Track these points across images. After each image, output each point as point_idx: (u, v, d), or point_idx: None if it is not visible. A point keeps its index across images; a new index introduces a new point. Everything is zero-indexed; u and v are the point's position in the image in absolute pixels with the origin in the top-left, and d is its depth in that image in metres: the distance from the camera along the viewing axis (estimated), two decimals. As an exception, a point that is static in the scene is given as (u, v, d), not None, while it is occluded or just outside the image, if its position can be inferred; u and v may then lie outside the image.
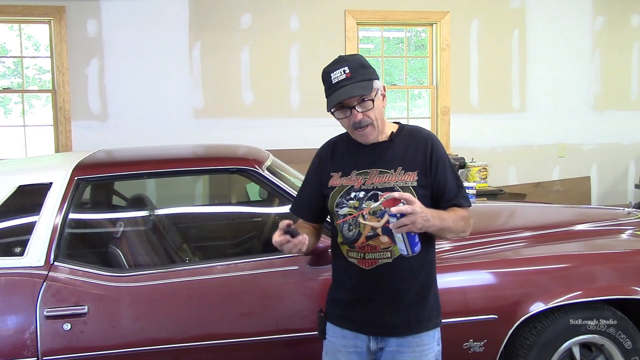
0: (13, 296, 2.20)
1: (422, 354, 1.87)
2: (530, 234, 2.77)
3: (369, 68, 1.86)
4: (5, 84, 5.80)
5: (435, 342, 1.92)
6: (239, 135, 5.44)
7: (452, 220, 1.82)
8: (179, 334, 2.23)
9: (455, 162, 5.70)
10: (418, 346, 1.87)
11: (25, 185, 2.40)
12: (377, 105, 1.83)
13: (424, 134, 1.93)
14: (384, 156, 1.88)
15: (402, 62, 6.56)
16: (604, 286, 2.47)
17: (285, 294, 2.33)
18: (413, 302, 1.88)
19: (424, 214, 1.68)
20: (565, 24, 6.27)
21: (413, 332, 1.87)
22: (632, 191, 6.57)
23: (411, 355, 1.86)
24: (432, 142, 1.90)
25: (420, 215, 1.66)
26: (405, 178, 1.84)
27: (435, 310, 1.93)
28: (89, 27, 5.42)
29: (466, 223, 1.88)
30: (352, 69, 1.81)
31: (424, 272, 1.90)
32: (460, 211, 1.87)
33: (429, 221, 1.69)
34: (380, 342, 1.89)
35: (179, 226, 3.30)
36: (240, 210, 3.76)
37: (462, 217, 1.86)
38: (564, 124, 6.35)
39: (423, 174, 1.85)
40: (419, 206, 1.67)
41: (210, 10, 5.61)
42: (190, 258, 3.05)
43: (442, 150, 1.91)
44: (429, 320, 1.90)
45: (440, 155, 1.88)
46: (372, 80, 1.83)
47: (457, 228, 1.85)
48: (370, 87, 1.82)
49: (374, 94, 1.82)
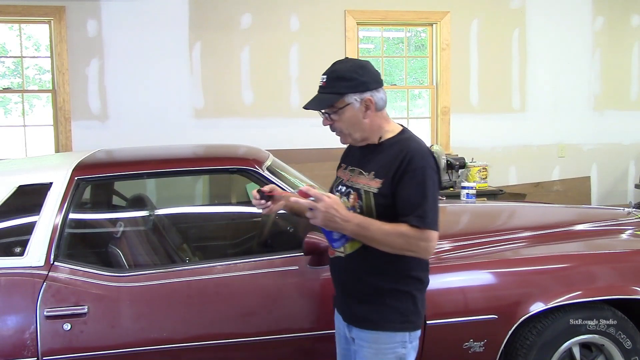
0: (13, 296, 2.20)
1: (379, 351, 1.88)
2: (530, 234, 2.77)
3: (348, 80, 1.86)
4: (5, 84, 5.80)
5: (398, 345, 1.88)
6: (239, 135, 5.44)
7: (380, 233, 1.77)
8: (179, 334, 2.24)
9: (456, 162, 5.70)
10: (375, 343, 1.88)
11: (25, 185, 2.40)
12: (348, 117, 1.88)
13: (408, 145, 1.87)
14: (367, 158, 1.93)
15: (402, 62, 6.56)
16: (604, 286, 2.47)
17: (285, 294, 2.33)
18: (363, 299, 1.91)
19: (329, 214, 1.74)
20: (565, 24, 6.27)
21: (367, 327, 1.90)
22: (632, 191, 6.57)
23: (368, 350, 1.90)
24: (409, 154, 1.83)
25: (322, 213, 1.74)
26: (371, 183, 1.86)
27: (394, 315, 1.88)
28: (89, 27, 5.42)
29: (407, 242, 1.76)
30: (329, 79, 1.88)
31: (375, 278, 1.88)
32: (404, 228, 1.76)
33: (336, 223, 1.76)
34: (350, 330, 1.97)
35: (179, 226, 3.30)
36: (240, 210, 3.76)
37: (401, 234, 1.76)
38: (564, 124, 6.35)
39: (388, 183, 1.83)
40: (324, 205, 1.74)
41: (210, 10, 5.61)
42: (190, 258, 3.05)
43: (417, 164, 1.81)
44: (385, 321, 1.87)
45: (412, 169, 1.80)
46: (340, 95, 1.86)
47: (390, 243, 1.78)
48: (329, 102, 1.87)
49: (342, 105, 1.86)
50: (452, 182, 5.74)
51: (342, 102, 1.87)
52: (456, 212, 3.52)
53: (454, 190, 5.57)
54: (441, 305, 2.34)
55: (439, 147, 5.83)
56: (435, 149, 5.76)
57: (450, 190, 5.59)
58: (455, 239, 2.63)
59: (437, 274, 2.38)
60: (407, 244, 1.77)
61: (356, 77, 1.87)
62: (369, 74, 1.90)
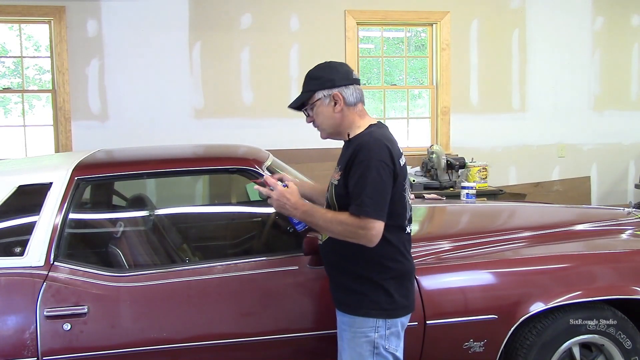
0: (13, 296, 2.20)
1: (355, 335, 1.99)
2: (530, 234, 2.77)
3: (317, 79, 2.07)
4: (5, 84, 5.80)
5: (372, 331, 1.98)
6: (239, 135, 5.44)
7: (322, 220, 1.97)
8: (179, 334, 2.24)
9: (456, 162, 5.70)
10: (351, 326, 2.01)
11: (25, 185, 2.40)
12: (320, 112, 2.07)
13: (361, 140, 1.99)
14: (342, 154, 2.10)
15: (402, 62, 6.56)
16: (604, 286, 2.47)
17: (285, 294, 2.33)
18: (340, 283, 2.06)
19: (281, 202, 2.02)
20: (565, 24, 6.27)
21: (344, 311, 2.03)
22: (632, 191, 6.57)
23: (347, 333, 2.02)
24: (358, 148, 1.94)
25: (275, 201, 2.03)
26: (335, 176, 2.05)
27: (366, 302, 1.98)
28: (89, 27, 5.42)
29: (346, 229, 1.91)
30: (305, 81, 2.10)
31: (343, 264, 2.03)
32: (343, 216, 1.92)
33: (286, 210, 2.03)
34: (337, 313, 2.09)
35: (179, 226, 3.30)
36: (240, 210, 3.75)
37: (340, 222, 1.92)
38: (564, 124, 6.35)
39: (343, 176, 1.99)
40: (276, 194, 2.02)
41: (210, 11, 5.61)
42: (190, 258, 3.05)
43: (363, 158, 1.92)
44: (358, 306, 1.99)
45: (358, 162, 1.92)
46: (312, 92, 2.06)
47: (332, 230, 1.96)
48: (303, 99, 2.08)
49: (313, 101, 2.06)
50: (452, 182, 5.74)
51: (313, 98, 2.07)
52: (456, 212, 3.52)
53: (454, 190, 5.57)
54: (441, 305, 2.34)
55: (439, 147, 5.83)
56: (435, 149, 5.76)
57: (450, 190, 5.59)
58: (455, 239, 2.63)
59: (437, 274, 2.39)
60: (346, 231, 1.92)
61: (323, 75, 2.07)
62: (337, 72, 2.07)
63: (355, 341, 1.99)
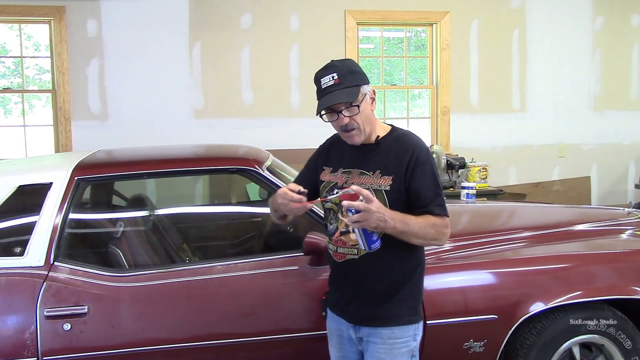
0: (13, 296, 2.20)
1: (394, 346, 1.93)
2: (530, 234, 2.77)
3: (358, 74, 1.93)
4: (5, 84, 5.79)
5: (411, 338, 1.96)
6: (239, 135, 5.44)
7: (418, 226, 1.83)
8: (179, 334, 2.24)
9: (456, 162, 5.70)
10: (389, 338, 1.93)
11: (25, 185, 2.40)
12: (363, 110, 1.91)
13: (410, 140, 1.95)
14: (367, 158, 1.96)
15: (402, 62, 6.56)
16: (604, 286, 2.47)
17: (285, 294, 2.33)
18: (380, 297, 1.94)
19: (380, 214, 1.73)
20: (565, 24, 6.27)
21: (382, 324, 1.93)
22: (632, 191, 6.56)
23: (382, 346, 1.93)
24: (415, 148, 1.91)
25: (375, 214, 1.72)
26: (380, 182, 1.90)
27: (408, 309, 1.96)
28: (89, 27, 5.41)
29: (437, 231, 1.86)
30: (341, 75, 1.88)
31: (393, 273, 1.94)
32: (432, 218, 1.86)
33: (386, 222, 1.75)
34: (358, 331, 1.99)
35: (179, 226, 3.30)
36: (240, 210, 3.76)
37: (432, 224, 1.85)
38: (564, 124, 6.35)
39: (398, 179, 1.89)
40: (376, 206, 1.73)
41: (210, 10, 5.61)
42: (190, 258, 3.05)
43: (425, 157, 1.91)
44: (400, 316, 1.94)
45: (421, 162, 1.89)
46: (359, 86, 1.90)
47: (425, 234, 1.85)
48: (356, 94, 1.88)
49: (361, 99, 1.90)
50: (452, 182, 5.74)
51: (360, 94, 1.90)
52: (456, 212, 3.52)
53: (454, 190, 5.57)
54: (441, 305, 2.34)
55: (439, 147, 5.83)
56: (435, 149, 5.76)
57: (450, 190, 5.59)
58: (455, 239, 2.63)
59: (437, 274, 2.39)
60: (437, 233, 1.86)
61: (361, 70, 1.96)
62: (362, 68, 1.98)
63: (395, 352, 1.92)
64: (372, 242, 1.80)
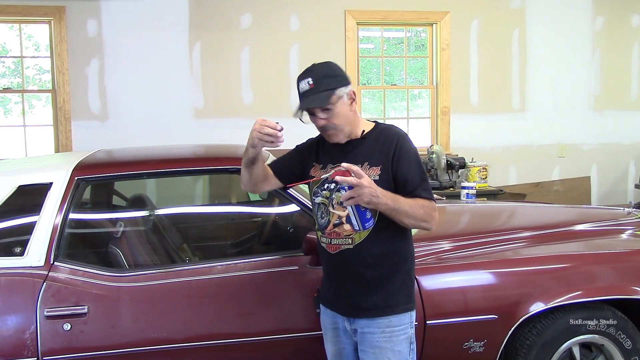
0: (13, 296, 2.20)
1: (393, 334, 1.97)
2: (530, 234, 2.77)
3: (335, 77, 1.99)
4: (5, 84, 5.80)
5: (408, 325, 2.00)
6: (239, 135, 5.39)
7: (408, 205, 1.89)
8: (179, 334, 2.24)
9: (456, 162, 5.70)
10: (387, 327, 1.97)
11: (25, 185, 2.40)
12: (340, 111, 1.98)
13: (394, 132, 2.04)
14: (354, 152, 2.02)
15: (402, 62, 6.56)
16: (604, 286, 2.47)
17: (285, 294, 2.33)
18: (376, 286, 1.98)
19: (372, 189, 1.81)
20: (565, 24, 6.27)
21: (380, 314, 1.97)
22: (632, 191, 6.56)
23: (381, 335, 1.97)
24: (399, 139, 2.00)
25: (367, 189, 1.79)
26: (369, 173, 1.96)
27: (403, 297, 2.01)
28: (89, 27, 5.42)
29: (426, 212, 1.92)
30: (316, 79, 1.96)
31: (388, 261, 1.99)
32: (420, 200, 1.94)
33: (378, 197, 1.82)
34: (353, 323, 2.02)
35: (179, 226, 3.30)
36: (240, 210, 3.75)
37: (421, 205, 1.92)
38: (564, 124, 6.34)
39: (385, 169, 1.97)
40: (367, 180, 1.81)
41: (210, 10, 5.61)
42: (190, 258, 3.05)
43: (407, 146, 2.00)
44: (397, 305, 1.99)
45: (405, 151, 1.98)
46: (334, 89, 1.96)
47: (415, 214, 1.90)
48: (328, 97, 1.95)
49: (335, 101, 1.96)
50: (452, 182, 5.74)
51: (335, 97, 1.97)
52: (456, 212, 3.52)
53: (454, 190, 5.57)
54: (441, 305, 2.34)
55: (439, 147, 5.83)
56: (436, 149, 5.76)
57: (450, 190, 5.59)
58: (455, 239, 2.63)
59: (437, 274, 2.39)
60: (426, 215, 1.92)
61: (339, 73, 2.02)
62: (342, 70, 2.05)
63: (394, 340, 1.97)
64: (366, 221, 1.90)
